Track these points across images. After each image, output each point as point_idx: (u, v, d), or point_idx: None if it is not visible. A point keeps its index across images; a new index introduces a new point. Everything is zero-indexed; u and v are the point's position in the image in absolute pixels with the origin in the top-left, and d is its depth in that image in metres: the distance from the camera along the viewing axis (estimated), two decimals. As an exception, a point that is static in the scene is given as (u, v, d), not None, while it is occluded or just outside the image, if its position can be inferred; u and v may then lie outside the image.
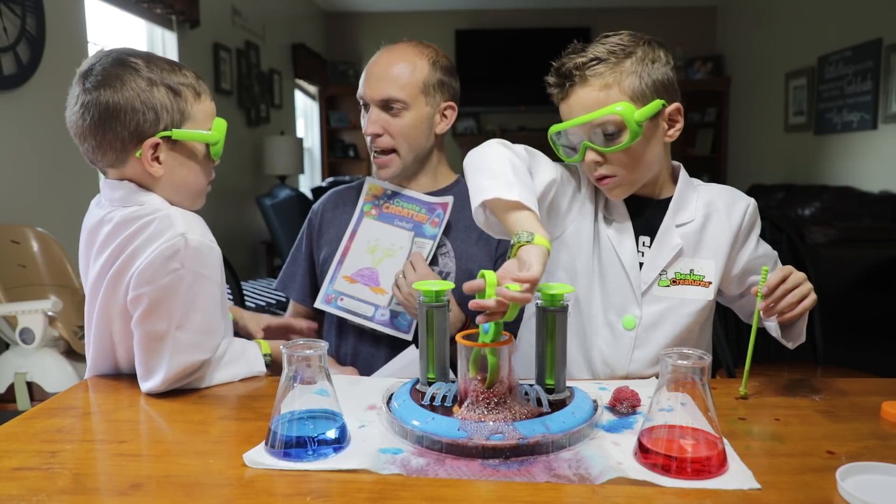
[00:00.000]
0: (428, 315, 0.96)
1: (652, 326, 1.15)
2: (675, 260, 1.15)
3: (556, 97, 1.13)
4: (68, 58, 2.60)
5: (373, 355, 1.38)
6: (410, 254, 1.33)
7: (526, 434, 0.80)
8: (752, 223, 1.19)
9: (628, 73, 1.07)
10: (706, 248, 1.16)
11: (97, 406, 1.00)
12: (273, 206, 4.34)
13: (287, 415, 0.81)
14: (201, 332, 1.03)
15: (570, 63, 1.09)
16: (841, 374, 1.13)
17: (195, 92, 1.04)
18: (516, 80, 7.15)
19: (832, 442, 0.84)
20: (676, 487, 0.72)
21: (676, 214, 1.16)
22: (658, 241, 1.15)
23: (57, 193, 2.56)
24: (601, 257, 1.17)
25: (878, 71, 4.28)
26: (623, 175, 1.11)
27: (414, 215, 1.37)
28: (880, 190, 4.16)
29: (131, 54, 1.02)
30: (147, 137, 1.00)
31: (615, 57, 1.07)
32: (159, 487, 0.74)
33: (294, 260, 1.51)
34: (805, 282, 1.00)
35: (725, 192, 1.20)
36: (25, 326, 1.89)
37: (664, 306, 1.14)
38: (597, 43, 1.10)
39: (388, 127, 1.33)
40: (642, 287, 1.15)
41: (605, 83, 1.06)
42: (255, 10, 4.95)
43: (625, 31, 1.12)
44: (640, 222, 1.17)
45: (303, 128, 6.64)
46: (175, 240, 0.98)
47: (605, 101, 1.06)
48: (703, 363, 0.75)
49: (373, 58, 1.37)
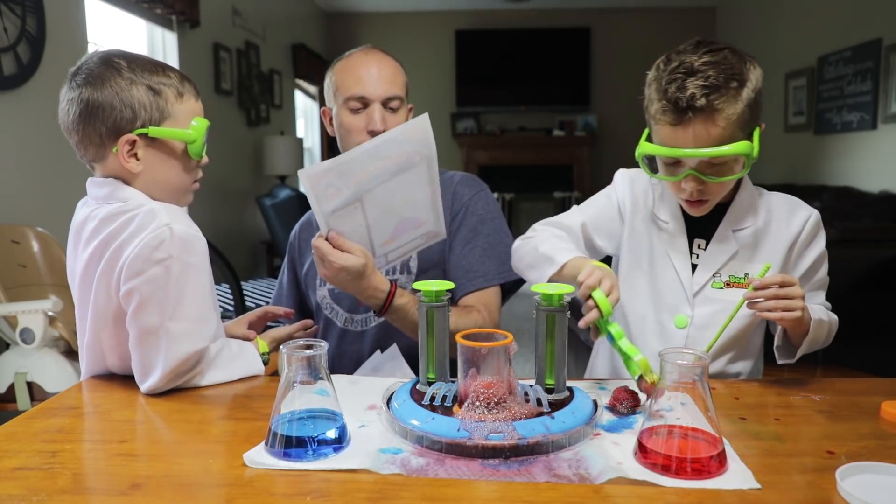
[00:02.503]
0: (428, 315, 0.96)
1: (704, 327, 1.16)
2: (730, 263, 1.16)
3: (664, 119, 1.07)
4: (68, 58, 2.59)
5: (358, 354, 1.40)
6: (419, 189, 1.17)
7: (526, 434, 0.80)
8: (811, 234, 1.18)
9: (745, 104, 1.05)
10: (762, 253, 1.16)
11: (97, 406, 1.00)
12: (273, 206, 4.34)
13: (287, 415, 0.81)
14: (194, 320, 1.03)
15: (688, 91, 1.04)
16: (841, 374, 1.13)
17: (177, 92, 1.06)
18: (516, 80, 7.16)
19: (832, 442, 0.84)
20: (676, 487, 0.72)
21: (734, 219, 1.17)
22: (714, 244, 1.17)
23: (57, 193, 2.56)
24: (653, 259, 1.20)
25: (878, 71, 4.28)
26: (717, 197, 1.14)
27: (393, 159, 1.11)
28: (880, 190, 4.16)
29: (116, 55, 1.05)
30: (124, 134, 1.03)
31: (736, 82, 1.05)
32: (159, 487, 0.74)
33: (280, 285, 1.58)
34: (800, 301, 1.02)
35: (787, 201, 1.21)
36: (25, 326, 1.89)
37: (717, 308, 1.15)
38: (704, 56, 1.06)
39: (390, 123, 1.35)
40: (694, 288, 1.17)
41: (727, 117, 1.04)
42: (255, 10, 4.95)
43: (724, 44, 1.10)
44: (695, 225, 1.19)
45: (303, 128, 6.64)
46: (160, 230, 0.99)
47: (727, 136, 1.05)
48: (702, 363, 0.75)
49: (356, 58, 1.37)
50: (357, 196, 1.10)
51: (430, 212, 1.19)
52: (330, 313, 1.43)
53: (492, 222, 1.40)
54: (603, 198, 1.29)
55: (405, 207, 1.16)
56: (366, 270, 1.14)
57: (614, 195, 1.27)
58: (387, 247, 1.21)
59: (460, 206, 1.39)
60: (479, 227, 1.38)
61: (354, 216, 1.13)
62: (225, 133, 4.43)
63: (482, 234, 1.38)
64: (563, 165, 7.19)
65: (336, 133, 1.41)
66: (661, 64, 1.11)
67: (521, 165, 7.22)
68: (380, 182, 1.10)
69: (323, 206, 1.09)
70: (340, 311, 1.42)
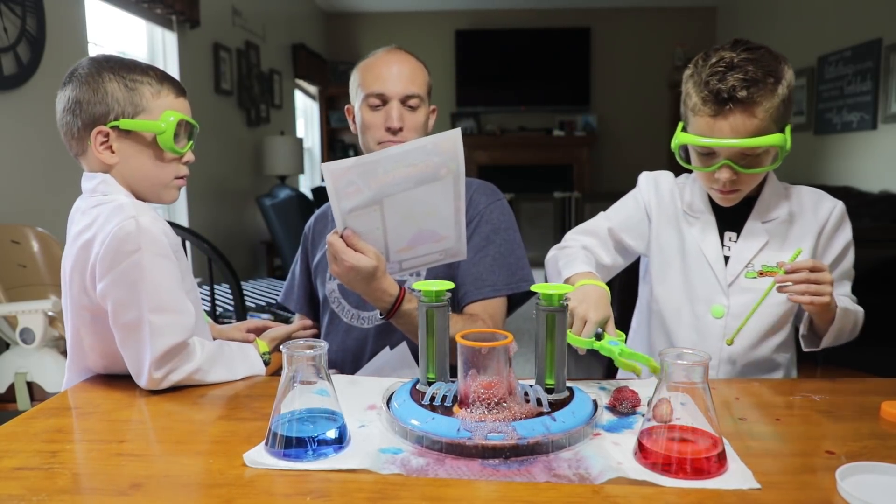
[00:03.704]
0: (428, 315, 0.96)
1: (741, 316, 1.18)
2: (761, 253, 1.21)
3: (704, 111, 1.13)
4: (68, 58, 2.60)
5: (362, 351, 1.40)
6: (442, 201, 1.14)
7: (526, 434, 0.80)
8: (836, 223, 1.24)
9: (780, 99, 1.11)
10: (792, 242, 1.21)
11: (97, 406, 1.00)
12: (273, 206, 4.34)
13: (287, 415, 0.81)
14: (172, 312, 1.03)
15: (729, 83, 1.09)
16: (841, 374, 1.14)
17: (154, 89, 1.08)
18: (516, 80, 7.17)
19: (832, 442, 0.84)
20: (676, 487, 0.72)
21: (763, 211, 1.23)
22: (744, 235, 1.22)
23: (57, 193, 2.56)
24: (685, 253, 1.25)
25: (878, 71, 4.28)
26: (748, 189, 1.19)
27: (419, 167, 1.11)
28: (880, 190, 4.16)
29: (103, 57, 1.09)
30: (97, 126, 1.06)
31: (773, 78, 1.10)
32: (159, 487, 0.74)
33: (292, 275, 1.59)
34: (829, 287, 1.06)
35: (813, 193, 1.27)
36: (25, 326, 1.89)
37: (752, 297, 1.17)
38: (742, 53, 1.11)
39: (407, 122, 1.37)
40: (728, 279, 1.22)
41: (765, 109, 1.10)
42: (255, 10, 4.95)
43: (760, 44, 1.15)
44: (725, 218, 1.25)
45: (303, 128, 6.64)
46: (126, 222, 1.00)
47: (763, 128, 1.10)
48: (702, 363, 0.75)
49: (379, 57, 1.40)
50: (377, 199, 1.10)
51: (453, 229, 1.18)
52: (337, 308, 1.44)
53: (505, 233, 1.39)
54: (630, 200, 1.34)
55: (426, 219, 1.15)
56: (376, 273, 1.13)
57: (640, 197, 1.32)
58: (402, 254, 1.21)
59: (476, 213, 1.39)
60: (492, 235, 1.38)
61: (372, 217, 1.12)
62: (225, 133, 4.43)
63: (495, 243, 1.38)
64: (563, 165, 7.20)
65: (357, 130, 1.43)
66: (699, 60, 1.16)
67: (521, 165, 7.23)
68: (403, 189, 1.09)
69: (342, 203, 1.09)
70: (347, 307, 1.43)
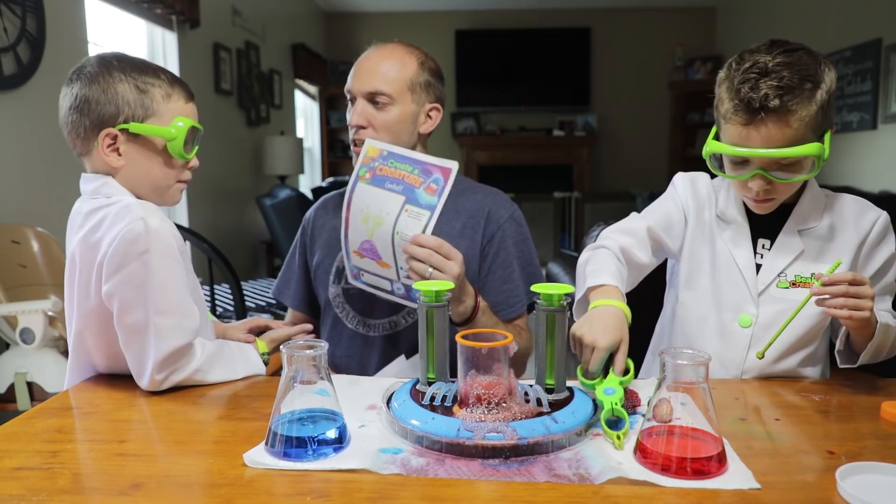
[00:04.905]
0: (428, 315, 0.96)
1: (769, 326, 1.13)
2: (795, 263, 1.15)
3: (736, 119, 1.06)
4: (68, 58, 2.60)
5: (368, 358, 1.38)
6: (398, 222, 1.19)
7: (526, 434, 0.80)
8: (881, 234, 1.16)
9: (818, 105, 1.03)
10: (830, 254, 1.14)
11: (97, 406, 1.00)
12: (273, 206, 4.34)
13: (287, 415, 0.81)
14: (178, 314, 1.03)
15: (762, 91, 1.02)
16: (841, 374, 1.13)
17: (165, 92, 1.07)
18: (516, 80, 7.16)
19: (832, 442, 0.84)
20: (676, 487, 0.72)
21: (800, 219, 1.16)
22: (779, 243, 1.16)
23: (57, 193, 2.56)
24: (715, 259, 1.19)
25: (878, 71, 4.28)
26: (783, 197, 1.13)
27: (405, 176, 1.22)
28: (880, 190, 4.16)
29: (112, 55, 1.08)
30: (106, 128, 1.05)
31: (810, 83, 1.03)
32: (159, 487, 0.74)
33: (288, 267, 1.53)
34: (870, 301, 0.99)
35: (855, 203, 1.19)
36: (25, 326, 1.89)
37: (782, 307, 1.13)
38: (778, 57, 1.04)
39: (373, 120, 1.33)
40: (759, 288, 1.15)
41: (800, 118, 1.03)
42: (255, 10, 4.95)
43: (799, 44, 1.08)
44: (760, 225, 1.18)
45: (303, 128, 6.64)
46: (134, 223, 1.00)
47: (798, 137, 1.03)
48: (702, 363, 0.75)
49: (363, 54, 1.38)
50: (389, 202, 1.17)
51: (392, 260, 1.22)
52: (341, 313, 1.41)
53: (523, 243, 1.40)
54: (668, 200, 1.27)
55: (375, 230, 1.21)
56: None
57: (678, 198, 1.26)
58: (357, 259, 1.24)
59: (496, 227, 1.37)
60: (515, 249, 1.38)
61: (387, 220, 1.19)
62: (225, 133, 4.43)
63: (520, 257, 1.38)
64: (563, 165, 7.19)
65: None
66: (733, 63, 1.09)
67: (521, 165, 7.22)
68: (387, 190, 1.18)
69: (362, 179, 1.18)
70: (352, 313, 1.39)
